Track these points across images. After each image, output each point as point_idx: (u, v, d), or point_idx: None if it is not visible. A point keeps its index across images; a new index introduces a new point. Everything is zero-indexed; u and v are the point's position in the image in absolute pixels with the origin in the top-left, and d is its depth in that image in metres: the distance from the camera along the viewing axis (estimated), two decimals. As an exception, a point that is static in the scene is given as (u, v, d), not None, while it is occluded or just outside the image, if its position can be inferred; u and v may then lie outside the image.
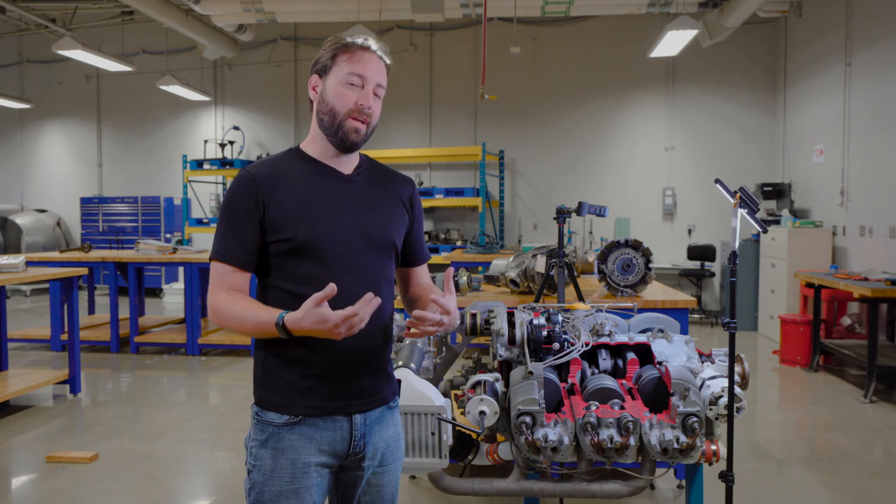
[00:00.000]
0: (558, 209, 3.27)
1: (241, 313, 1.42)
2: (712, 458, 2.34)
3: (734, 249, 2.46)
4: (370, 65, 1.51)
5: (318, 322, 1.29)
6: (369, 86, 1.51)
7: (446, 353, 2.87)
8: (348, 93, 1.50)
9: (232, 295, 1.46)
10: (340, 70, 1.50)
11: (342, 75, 1.50)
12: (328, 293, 1.28)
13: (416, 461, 2.23)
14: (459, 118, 10.11)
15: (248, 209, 1.47)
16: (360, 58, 1.50)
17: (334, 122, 1.51)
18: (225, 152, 10.29)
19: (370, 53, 1.52)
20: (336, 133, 1.51)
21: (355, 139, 1.52)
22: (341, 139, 1.52)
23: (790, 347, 6.21)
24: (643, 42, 8.74)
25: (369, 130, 1.54)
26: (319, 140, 1.56)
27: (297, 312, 1.31)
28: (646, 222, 9.46)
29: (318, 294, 1.28)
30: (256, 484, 1.49)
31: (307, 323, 1.30)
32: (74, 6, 9.68)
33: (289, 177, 1.51)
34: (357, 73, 1.49)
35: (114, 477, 3.62)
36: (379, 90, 1.53)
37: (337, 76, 1.51)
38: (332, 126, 1.51)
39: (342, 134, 1.51)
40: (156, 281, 10.77)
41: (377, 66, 1.52)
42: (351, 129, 1.50)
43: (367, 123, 1.52)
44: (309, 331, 1.32)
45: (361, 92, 1.50)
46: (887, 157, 6.23)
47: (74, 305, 5.12)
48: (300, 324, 1.31)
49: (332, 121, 1.51)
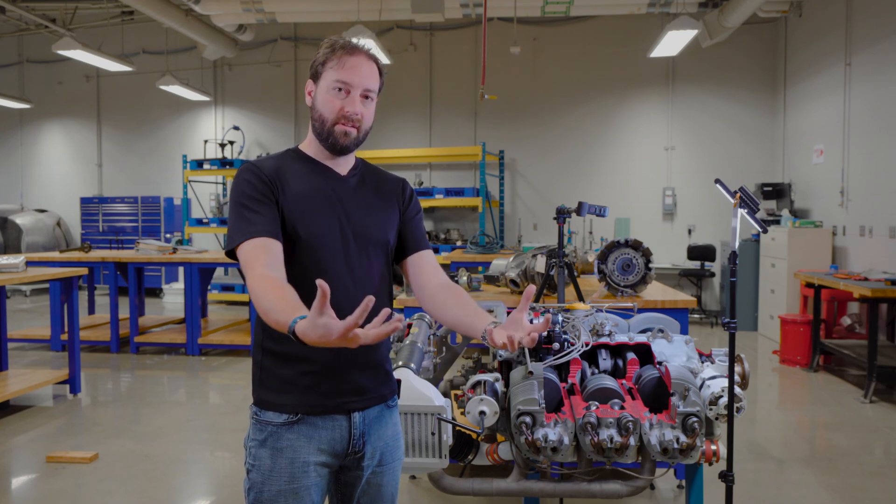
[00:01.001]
0: (558, 209, 3.27)
1: (268, 304, 1.31)
2: (712, 458, 2.33)
3: (734, 249, 2.46)
4: (357, 70, 1.51)
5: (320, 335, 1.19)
6: (355, 92, 1.52)
7: (446, 353, 2.87)
8: (335, 100, 1.52)
9: (265, 280, 1.36)
10: (328, 76, 1.52)
11: (329, 82, 1.52)
12: (323, 293, 1.20)
13: (416, 461, 2.23)
14: (459, 118, 10.11)
15: (265, 192, 1.47)
16: (345, 63, 1.51)
17: (324, 129, 1.54)
18: (225, 152, 10.29)
19: (358, 57, 1.52)
20: (327, 139, 1.54)
21: (345, 142, 1.54)
22: (332, 144, 1.54)
23: (790, 347, 6.21)
24: (643, 42, 8.74)
25: (361, 134, 1.55)
26: (315, 143, 1.59)
27: (305, 322, 1.24)
28: (646, 222, 9.46)
29: (316, 301, 1.18)
30: (256, 484, 1.49)
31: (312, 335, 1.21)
32: (74, 6, 9.68)
33: (290, 174, 1.54)
34: (343, 80, 1.50)
35: (114, 477, 3.62)
36: (369, 93, 1.54)
37: (326, 82, 1.53)
38: (322, 132, 1.54)
39: (332, 139, 1.54)
40: (156, 281, 10.77)
41: (365, 70, 1.52)
42: (340, 133, 1.52)
43: (358, 128, 1.54)
44: (316, 342, 1.22)
45: (347, 98, 1.51)
46: (887, 157, 6.23)
47: (74, 305, 5.12)
48: (307, 336, 1.23)
49: (322, 127, 1.54)
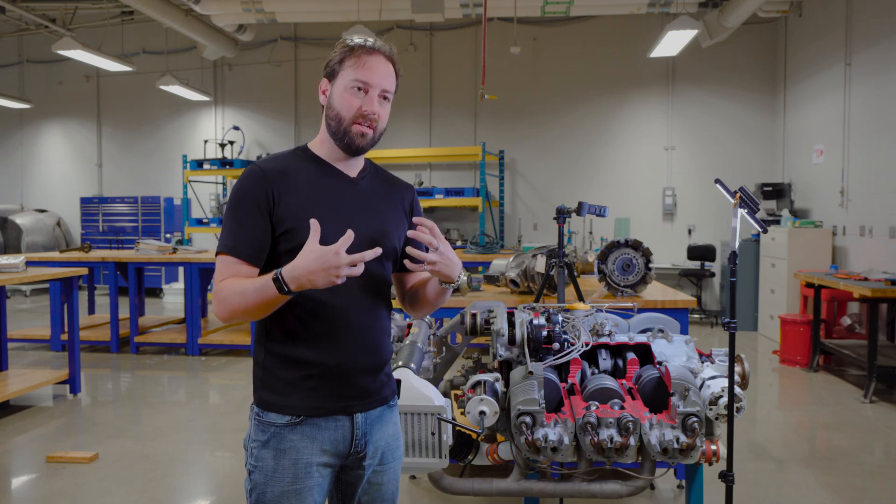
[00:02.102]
0: (558, 209, 3.27)
1: (241, 287, 1.40)
2: (712, 458, 2.34)
3: (734, 249, 2.46)
4: (376, 70, 1.51)
5: (314, 260, 1.30)
6: (374, 91, 1.51)
7: (446, 353, 2.87)
8: (353, 99, 1.51)
9: (226, 281, 1.45)
10: (347, 76, 1.51)
11: (348, 80, 1.51)
12: (316, 230, 1.32)
13: (416, 461, 2.23)
14: (459, 118, 10.11)
15: (259, 203, 1.47)
16: (364, 63, 1.50)
17: (340, 128, 1.52)
18: (225, 152, 10.29)
19: (377, 57, 1.52)
20: (343, 138, 1.53)
21: (361, 143, 1.52)
22: (348, 144, 1.53)
23: (790, 347, 6.21)
24: (643, 42, 8.74)
25: (376, 135, 1.55)
26: (328, 143, 1.57)
27: (294, 261, 1.33)
28: (646, 222, 9.46)
29: (312, 237, 1.32)
30: (258, 485, 1.49)
31: (302, 266, 1.31)
32: (74, 6, 9.68)
33: (297, 175, 1.52)
34: (362, 80, 1.50)
35: (114, 477, 3.62)
36: (387, 94, 1.54)
37: (343, 81, 1.52)
38: (338, 131, 1.52)
39: (348, 139, 1.52)
40: (156, 281, 10.77)
41: (384, 71, 1.52)
42: (357, 133, 1.51)
43: (374, 128, 1.53)
44: (306, 275, 1.31)
45: (366, 98, 1.51)
46: (887, 157, 6.23)
47: (74, 305, 5.12)
48: (296, 268, 1.32)
49: (338, 126, 1.52)
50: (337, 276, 1.31)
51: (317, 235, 1.33)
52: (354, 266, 1.32)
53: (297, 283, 1.33)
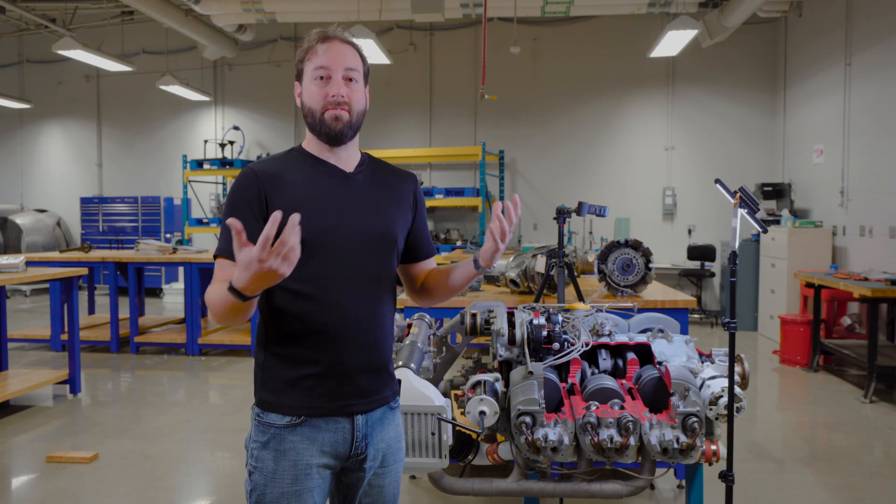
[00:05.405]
0: (558, 209, 3.27)
1: (216, 295, 1.36)
2: (712, 458, 2.34)
3: (734, 249, 2.46)
4: (331, 53, 1.51)
5: (244, 267, 1.21)
6: (337, 74, 1.51)
7: (446, 353, 2.87)
8: (319, 88, 1.51)
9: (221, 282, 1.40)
10: (308, 70, 1.53)
11: (310, 73, 1.52)
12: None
13: (417, 461, 2.23)
14: (459, 118, 10.11)
15: (252, 205, 1.47)
16: (318, 50, 1.51)
17: (315, 120, 1.52)
18: (225, 152, 10.29)
19: (331, 42, 1.52)
20: (320, 129, 1.53)
21: (337, 126, 1.51)
22: (326, 133, 1.52)
23: (790, 347, 6.21)
24: (643, 42, 8.73)
25: (354, 117, 1.53)
26: (314, 140, 1.57)
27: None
28: (646, 222, 9.46)
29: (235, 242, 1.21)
30: (258, 486, 1.49)
31: (239, 272, 1.23)
32: (74, 6, 9.68)
33: (291, 174, 1.52)
34: (321, 66, 1.51)
35: (114, 477, 3.62)
36: (351, 73, 1.52)
37: (307, 76, 1.53)
38: (315, 124, 1.53)
39: (325, 128, 1.52)
40: (156, 281, 10.77)
41: (342, 51, 1.52)
42: (330, 118, 1.51)
43: (348, 110, 1.52)
44: (249, 280, 1.22)
45: (331, 83, 1.51)
46: (887, 157, 6.23)
47: (74, 305, 5.12)
48: (236, 276, 1.25)
49: (313, 119, 1.53)
50: (272, 271, 1.20)
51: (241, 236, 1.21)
52: (285, 256, 1.20)
53: (247, 290, 1.26)
